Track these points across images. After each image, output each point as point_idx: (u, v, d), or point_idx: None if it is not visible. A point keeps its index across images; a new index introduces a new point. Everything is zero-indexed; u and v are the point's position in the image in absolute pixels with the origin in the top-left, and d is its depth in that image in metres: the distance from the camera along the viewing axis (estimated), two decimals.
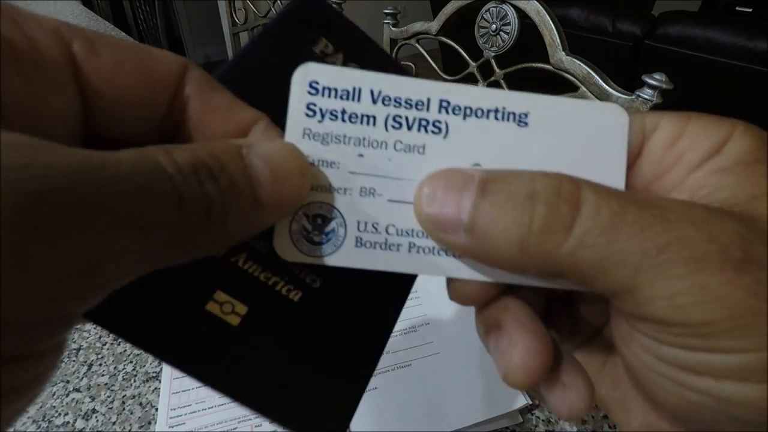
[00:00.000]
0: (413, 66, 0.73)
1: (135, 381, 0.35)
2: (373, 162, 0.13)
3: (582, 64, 0.52)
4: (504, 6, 0.58)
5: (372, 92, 0.12)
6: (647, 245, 0.10)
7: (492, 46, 0.62)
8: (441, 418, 0.31)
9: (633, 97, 0.49)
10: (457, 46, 0.67)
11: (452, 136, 0.13)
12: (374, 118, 0.13)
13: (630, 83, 1.43)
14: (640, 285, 0.10)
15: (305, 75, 0.12)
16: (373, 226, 0.13)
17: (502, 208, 0.11)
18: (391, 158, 0.13)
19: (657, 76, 0.47)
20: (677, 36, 1.39)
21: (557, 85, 0.55)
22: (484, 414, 0.31)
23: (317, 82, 0.12)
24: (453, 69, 0.72)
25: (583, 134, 0.13)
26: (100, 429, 0.32)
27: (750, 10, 2.31)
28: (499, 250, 0.11)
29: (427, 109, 0.13)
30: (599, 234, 0.10)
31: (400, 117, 0.13)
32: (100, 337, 0.38)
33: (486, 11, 0.61)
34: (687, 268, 0.09)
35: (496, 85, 0.65)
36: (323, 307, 0.15)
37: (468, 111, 0.13)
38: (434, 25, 0.69)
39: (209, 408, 0.32)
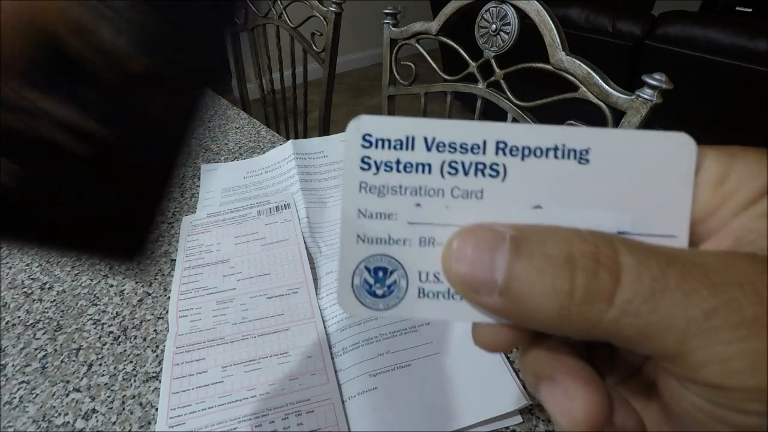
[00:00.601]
0: (413, 66, 0.73)
1: (135, 381, 0.35)
2: (431, 211, 0.12)
3: (582, 64, 0.52)
4: (504, 6, 0.58)
5: (426, 139, 0.12)
6: (693, 311, 0.09)
7: (492, 46, 0.62)
8: (441, 418, 0.31)
9: (633, 97, 0.49)
10: (457, 46, 0.67)
11: (511, 178, 0.12)
12: (429, 165, 0.12)
13: (630, 83, 1.43)
14: (690, 351, 0.10)
15: (358, 128, 0.12)
16: (434, 275, 0.13)
17: (540, 272, 0.11)
18: (449, 206, 0.12)
19: (657, 76, 0.47)
20: (677, 36, 1.39)
21: (557, 85, 0.55)
22: (484, 414, 0.31)
23: (370, 135, 0.12)
24: (453, 69, 0.72)
25: (648, 167, 0.12)
26: (100, 429, 0.32)
27: (750, 10, 2.31)
28: (538, 314, 0.11)
29: (484, 152, 0.12)
30: (642, 302, 0.10)
31: (456, 162, 0.12)
32: (100, 337, 0.38)
33: (486, 11, 0.61)
34: (737, 333, 0.09)
35: (495, 85, 0.65)
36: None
37: (526, 151, 0.12)
38: (434, 25, 0.69)
39: (209, 408, 0.32)
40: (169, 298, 0.41)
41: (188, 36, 0.18)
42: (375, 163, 0.12)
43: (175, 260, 0.45)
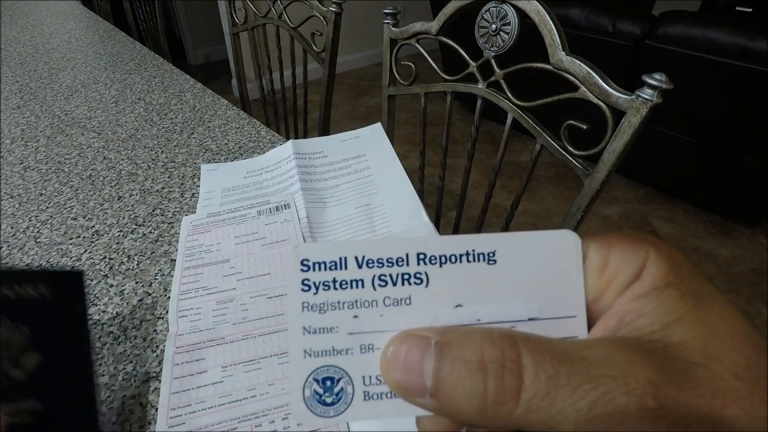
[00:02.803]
0: (413, 66, 0.73)
1: (135, 381, 0.35)
2: (368, 320, 0.14)
3: (582, 64, 0.52)
4: (504, 6, 0.58)
5: (356, 258, 0.14)
6: (580, 404, 0.11)
7: (492, 46, 0.62)
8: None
9: (633, 97, 0.49)
10: (457, 46, 0.67)
11: (433, 283, 0.14)
12: (362, 281, 0.14)
13: (630, 83, 1.42)
14: None
15: (296, 255, 0.14)
16: (377, 378, 0.14)
17: (460, 377, 0.12)
18: (383, 314, 0.14)
19: (657, 76, 0.47)
20: (677, 36, 1.39)
21: (557, 85, 0.55)
22: None
23: (308, 260, 0.14)
24: (453, 69, 0.72)
25: (543, 261, 0.14)
26: (100, 429, 0.32)
27: (750, 10, 2.31)
28: (462, 413, 0.12)
29: (407, 263, 0.14)
30: (541, 399, 0.12)
31: (385, 275, 0.14)
32: (100, 337, 0.38)
33: (486, 11, 0.61)
34: (614, 419, 0.11)
35: (495, 85, 0.65)
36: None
37: (443, 258, 0.14)
38: (434, 25, 0.69)
39: (209, 408, 0.32)
40: (169, 298, 0.41)
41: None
42: (314, 284, 0.14)
43: (175, 260, 0.45)
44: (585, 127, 0.53)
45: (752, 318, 1.32)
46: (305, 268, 0.14)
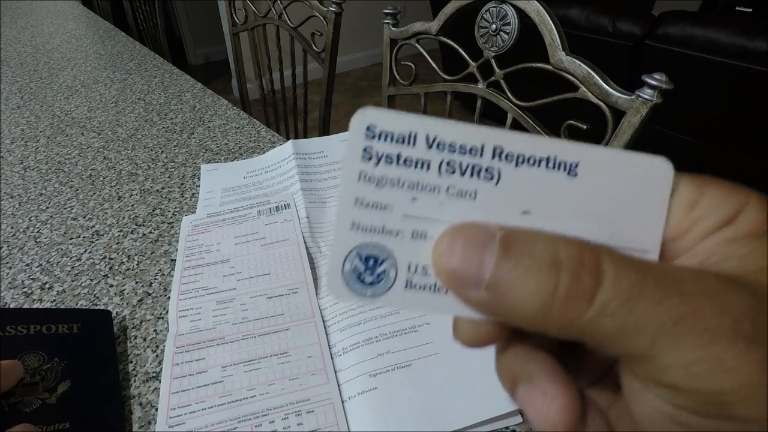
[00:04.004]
0: (413, 66, 0.73)
1: (135, 381, 0.35)
2: (426, 206, 0.13)
3: (582, 64, 0.52)
4: (504, 6, 0.58)
5: (427, 138, 0.13)
6: (664, 317, 0.10)
7: (492, 46, 0.62)
8: (441, 418, 0.31)
9: (633, 97, 0.49)
10: (457, 46, 0.67)
11: (504, 182, 0.13)
12: (428, 163, 0.13)
13: (630, 83, 1.42)
14: (658, 353, 0.10)
15: (363, 119, 0.13)
16: (423, 268, 0.13)
17: (526, 271, 0.11)
18: (443, 202, 0.13)
19: (657, 76, 0.47)
20: (677, 36, 1.39)
21: (557, 85, 0.55)
22: (484, 414, 0.31)
23: (375, 126, 0.13)
24: (453, 69, 0.72)
25: (629, 185, 0.13)
26: None
27: (750, 10, 2.31)
28: (521, 310, 0.11)
29: (481, 155, 0.13)
30: (619, 304, 0.10)
31: (454, 162, 0.13)
32: None
33: (486, 11, 0.61)
34: (701, 339, 0.10)
35: (495, 85, 0.65)
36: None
37: (520, 159, 0.13)
38: (434, 25, 0.69)
39: (209, 408, 0.32)
40: (169, 298, 0.41)
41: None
42: (376, 154, 0.13)
43: (175, 260, 0.45)
44: (585, 127, 0.53)
45: None
46: (370, 135, 0.13)
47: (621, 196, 0.13)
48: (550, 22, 0.54)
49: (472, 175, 0.13)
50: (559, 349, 0.15)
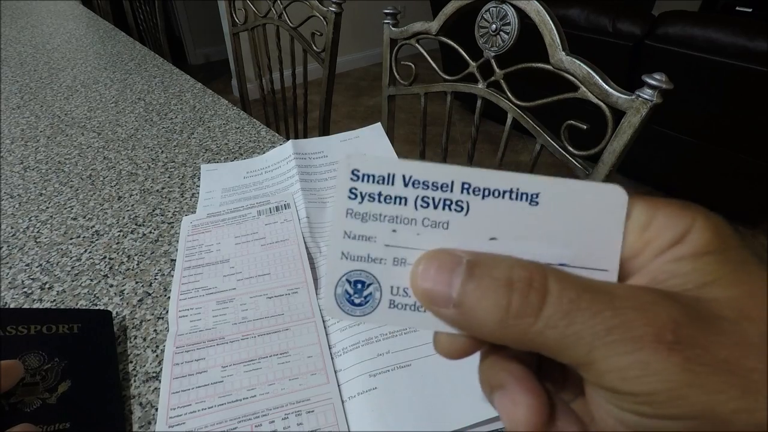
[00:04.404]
0: (413, 66, 0.73)
1: (135, 381, 0.35)
2: (405, 236, 0.15)
3: (582, 64, 0.52)
4: (504, 6, 0.58)
5: (404, 177, 0.15)
6: (598, 328, 0.12)
7: (492, 46, 0.62)
8: (441, 418, 0.31)
9: (633, 97, 0.49)
10: (457, 46, 0.67)
11: (472, 213, 0.15)
12: (406, 199, 0.15)
13: (630, 83, 1.42)
14: (595, 360, 0.12)
15: (348, 164, 0.15)
16: (404, 290, 0.15)
17: (486, 291, 0.13)
18: (420, 233, 0.15)
19: (657, 76, 0.47)
20: (677, 36, 1.39)
21: (557, 85, 0.55)
22: (484, 414, 0.31)
23: (358, 170, 0.15)
24: (453, 69, 0.72)
25: (587, 211, 0.14)
26: None
27: (750, 10, 2.31)
28: (483, 325, 0.13)
29: (451, 190, 0.15)
30: (560, 318, 0.12)
31: (428, 198, 0.15)
32: None
33: (486, 11, 0.61)
34: (630, 346, 0.11)
35: (495, 85, 0.65)
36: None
37: (486, 192, 0.14)
38: (434, 25, 0.69)
39: (209, 408, 0.32)
40: (169, 298, 0.41)
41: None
42: (360, 194, 0.15)
43: (175, 260, 0.45)
44: (585, 127, 0.53)
45: None
46: (354, 178, 0.15)
47: (580, 222, 0.14)
48: (550, 22, 0.54)
49: (444, 208, 0.15)
50: (541, 365, 0.16)
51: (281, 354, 0.35)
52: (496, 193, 0.14)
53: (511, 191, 0.14)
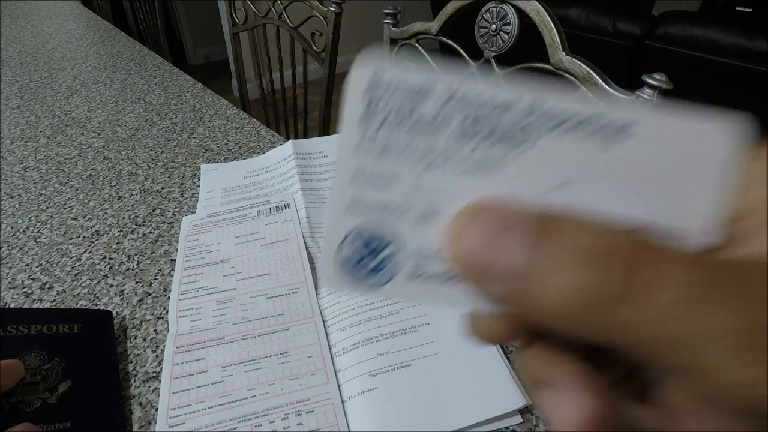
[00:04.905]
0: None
1: (135, 381, 0.35)
2: (441, 176, 0.11)
3: (582, 64, 0.52)
4: (504, 6, 0.58)
5: (447, 90, 0.10)
6: (728, 326, 0.08)
7: (492, 46, 0.62)
8: (441, 418, 0.31)
9: (633, 97, 0.49)
10: (457, 46, 0.67)
11: (540, 148, 0.11)
12: (447, 122, 0.10)
13: (630, 83, 1.42)
14: (719, 367, 0.09)
15: (368, 66, 0.10)
16: (435, 254, 0.11)
17: (567, 261, 0.09)
18: (463, 172, 0.11)
19: (657, 76, 0.47)
20: (677, 36, 1.39)
21: (557, 85, 0.55)
22: (484, 414, 0.31)
23: (381, 75, 0.10)
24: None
25: (688, 153, 0.11)
26: None
27: (750, 10, 2.31)
28: (553, 308, 0.09)
29: (513, 114, 0.10)
30: (684, 308, 0.09)
31: (479, 120, 0.10)
32: None
33: (486, 11, 0.61)
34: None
35: None
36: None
37: (561, 120, 0.11)
38: (434, 25, 0.69)
39: (209, 408, 0.32)
40: (169, 298, 0.41)
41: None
42: (382, 111, 0.10)
43: (175, 260, 0.45)
44: None
45: None
46: (375, 87, 0.10)
47: (678, 167, 0.11)
48: (550, 22, 0.54)
49: (501, 138, 0.10)
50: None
51: (281, 354, 0.35)
52: (574, 123, 0.10)
53: (593, 121, 0.10)
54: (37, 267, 0.45)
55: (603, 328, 0.09)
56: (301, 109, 1.11)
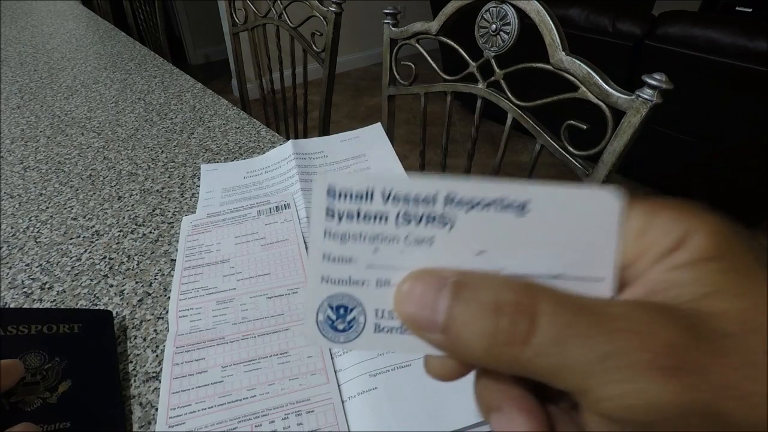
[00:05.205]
0: (413, 66, 0.73)
1: (135, 381, 0.35)
2: (387, 255, 0.14)
3: (582, 64, 0.52)
4: (504, 6, 0.58)
5: (383, 192, 0.14)
6: (592, 354, 0.11)
7: (492, 46, 0.62)
8: (441, 418, 0.31)
9: (633, 97, 0.49)
10: (457, 46, 0.67)
11: (458, 227, 0.14)
12: (386, 215, 0.14)
13: (630, 83, 1.42)
14: (591, 388, 0.11)
15: (323, 182, 0.14)
16: (389, 313, 0.14)
17: (472, 316, 0.12)
18: (403, 251, 0.14)
19: (657, 76, 0.47)
20: (677, 36, 1.39)
21: (557, 85, 0.55)
22: None
23: (334, 187, 0.14)
24: (453, 69, 0.72)
25: (579, 218, 0.13)
26: None
27: (750, 10, 2.31)
28: (470, 351, 0.12)
29: (434, 204, 0.14)
30: (552, 345, 0.11)
31: (410, 213, 0.14)
32: None
33: (486, 11, 0.61)
34: (625, 374, 0.11)
35: (495, 85, 0.65)
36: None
37: (471, 203, 0.13)
38: (434, 25, 0.69)
39: (209, 408, 0.32)
40: (169, 298, 0.41)
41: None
42: (338, 212, 0.14)
43: (175, 260, 0.45)
44: (585, 127, 0.53)
45: None
46: (331, 196, 0.14)
47: (573, 230, 0.13)
48: (550, 22, 0.54)
49: (427, 223, 0.14)
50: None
51: (281, 354, 0.35)
52: (482, 205, 0.13)
53: (497, 201, 0.13)
54: (37, 267, 0.45)
55: (507, 363, 0.12)
56: (301, 109, 1.11)
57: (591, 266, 0.14)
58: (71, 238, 0.49)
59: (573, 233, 0.13)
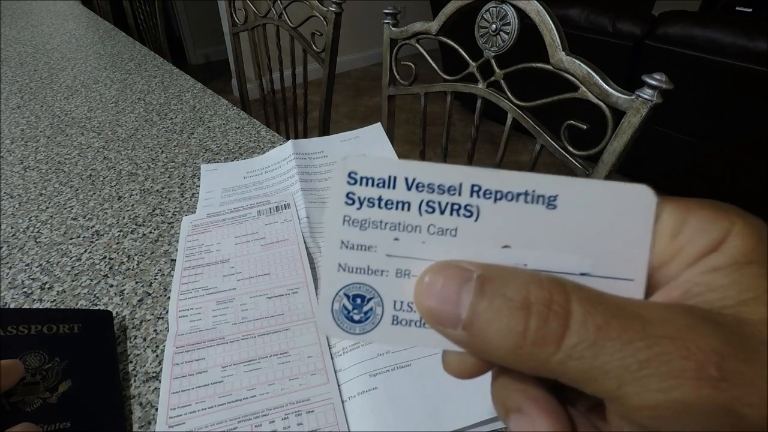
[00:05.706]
0: (413, 66, 0.73)
1: (135, 381, 0.35)
2: (408, 245, 0.13)
3: (582, 64, 0.52)
4: (504, 6, 0.58)
5: (407, 180, 0.13)
6: (629, 360, 0.10)
7: (492, 46, 0.62)
8: (441, 418, 0.31)
9: (633, 97, 0.49)
10: (457, 46, 0.67)
11: (483, 218, 0.13)
12: (409, 204, 0.13)
13: (630, 83, 1.42)
14: (626, 395, 0.11)
15: (345, 166, 0.13)
16: (408, 305, 0.14)
17: (498, 313, 0.12)
18: (425, 241, 0.13)
19: (657, 76, 0.47)
20: (677, 36, 1.39)
21: (557, 85, 0.55)
22: (484, 414, 0.31)
23: (356, 173, 0.13)
24: (453, 69, 0.72)
25: (611, 215, 0.13)
26: None
27: (750, 10, 2.31)
28: (494, 350, 0.12)
29: (459, 193, 0.13)
30: (585, 348, 0.11)
31: (433, 202, 0.13)
32: None
33: (486, 11, 0.61)
34: (666, 383, 0.10)
35: (495, 85, 0.65)
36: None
37: (498, 195, 0.13)
38: (434, 25, 0.69)
39: (209, 408, 0.32)
40: (169, 298, 0.41)
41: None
42: (359, 199, 0.13)
43: (175, 260, 0.45)
44: (585, 127, 0.53)
45: None
46: (352, 181, 0.13)
47: (603, 226, 0.13)
48: (550, 22, 0.54)
49: (451, 213, 0.13)
50: None
51: (281, 354, 0.35)
52: (510, 196, 0.13)
53: (526, 193, 0.13)
54: (37, 267, 0.45)
55: (534, 364, 0.11)
56: (301, 109, 1.11)
57: (621, 265, 0.13)
58: (71, 238, 0.49)
59: (604, 230, 0.13)
